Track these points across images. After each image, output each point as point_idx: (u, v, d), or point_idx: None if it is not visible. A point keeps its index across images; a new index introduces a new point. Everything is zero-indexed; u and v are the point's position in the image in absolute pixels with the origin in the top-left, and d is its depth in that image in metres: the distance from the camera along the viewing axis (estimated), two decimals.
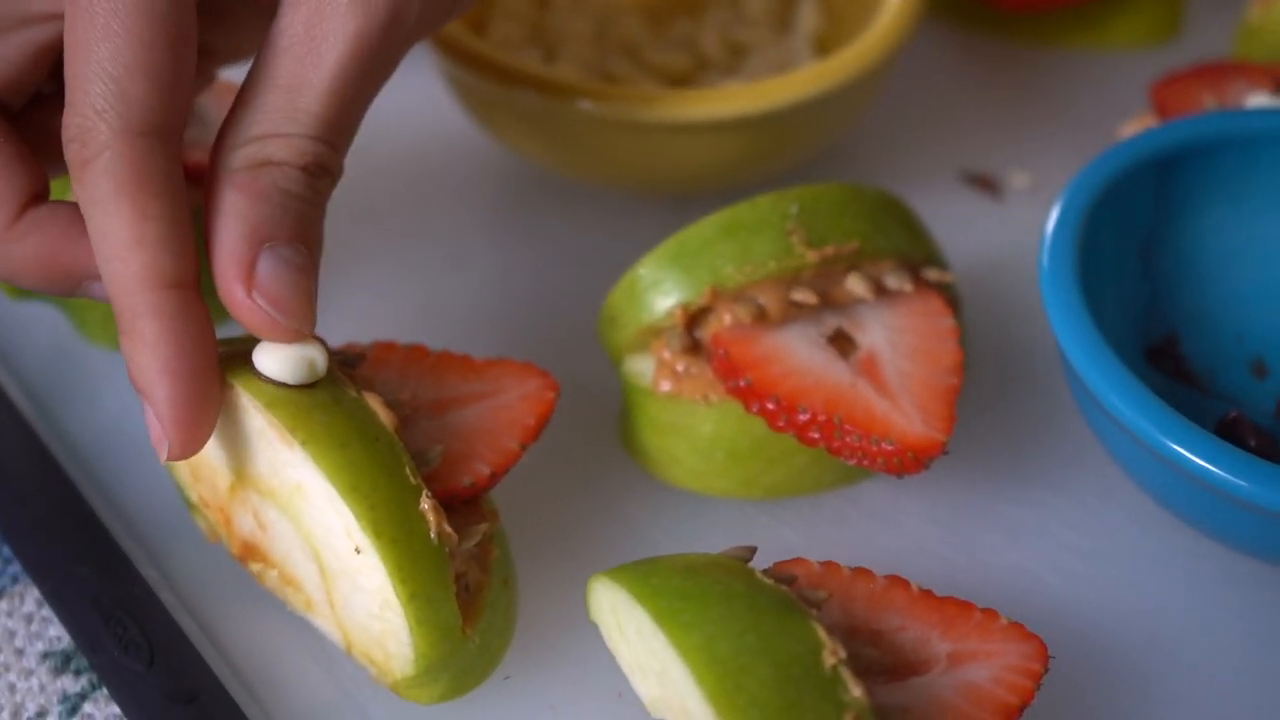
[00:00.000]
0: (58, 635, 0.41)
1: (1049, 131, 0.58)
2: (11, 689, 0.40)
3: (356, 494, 0.35)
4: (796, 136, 0.51)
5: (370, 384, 0.39)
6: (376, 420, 0.37)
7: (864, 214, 0.43)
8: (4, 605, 0.42)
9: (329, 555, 0.37)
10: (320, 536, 0.37)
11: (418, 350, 0.42)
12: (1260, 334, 0.46)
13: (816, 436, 0.40)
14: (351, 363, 0.40)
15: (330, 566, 0.37)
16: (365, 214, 0.53)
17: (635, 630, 0.35)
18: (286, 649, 0.41)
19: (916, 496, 0.45)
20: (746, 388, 0.41)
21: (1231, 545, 0.41)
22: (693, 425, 0.43)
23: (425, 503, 0.36)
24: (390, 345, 0.42)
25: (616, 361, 0.45)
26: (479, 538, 0.38)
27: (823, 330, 0.42)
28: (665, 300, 0.42)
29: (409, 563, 0.35)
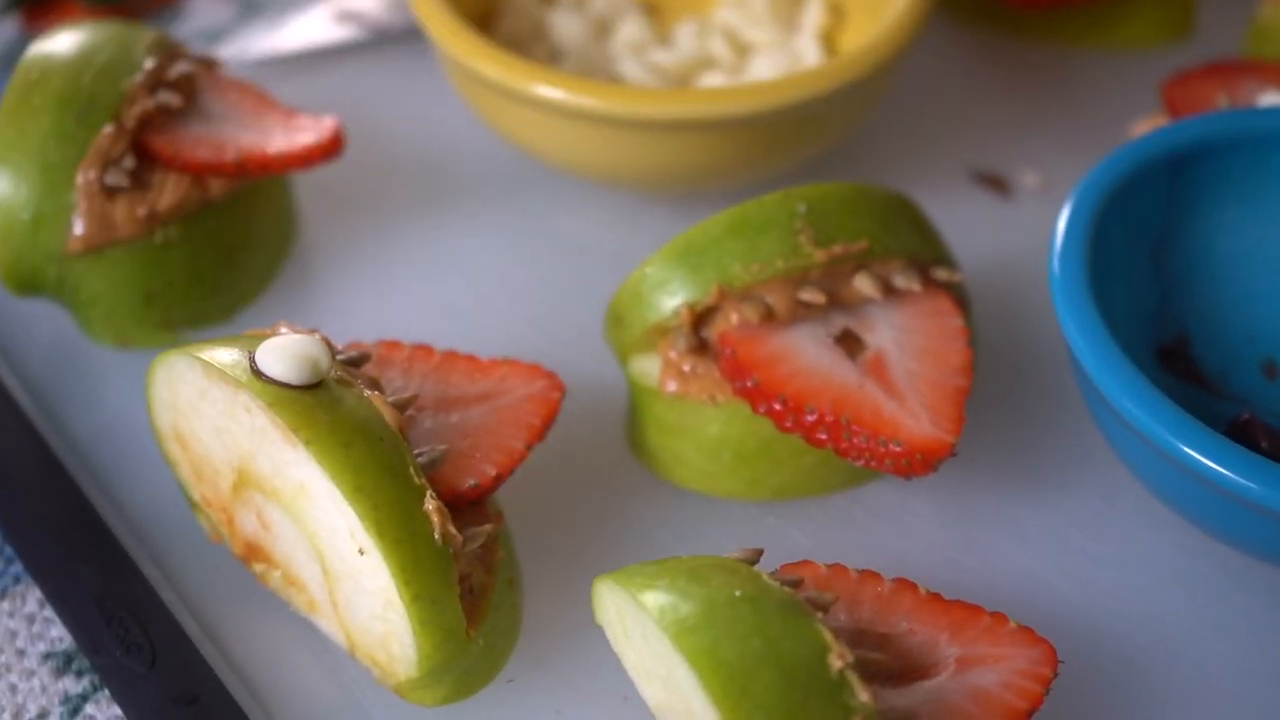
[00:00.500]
0: (59, 636, 0.41)
1: (1059, 130, 0.58)
2: (13, 690, 0.40)
3: (360, 494, 0.35)
4: (804, 135, 0.51)
5: (375, 384, 0.39)
6: (381, 420, 0.37)
7: (872, 213, 0.43)
8: (6, 606, 0.42)
9: (332, 556, 0.37)
10: (324, 537, 0.37)
11: (423, 350, 0.42)
12: (1272, 335, 0.46)
13: (824, 437, 0.40)
14: (356, 362, 0.40)
15: (333, 567, 0.37)
16: (372, 213, 0.53)
17: (640, 633, 0.35)
18: (289, 650, 0.41)
19: (924, 498, 0.45)
20: (753, 388, 0.40)
21: (1243, 549, 0.41)
22: (699, 426, 0.42)
23: (430, 503, 0.36)
24: (395, 344, 0.42)
25: (623, 361, 0.44)
26: (484, 539, 0.38)
27: (830, 330, 0.42)
28: (672, 299, 0.42)
29: (413, 564, 0.35)
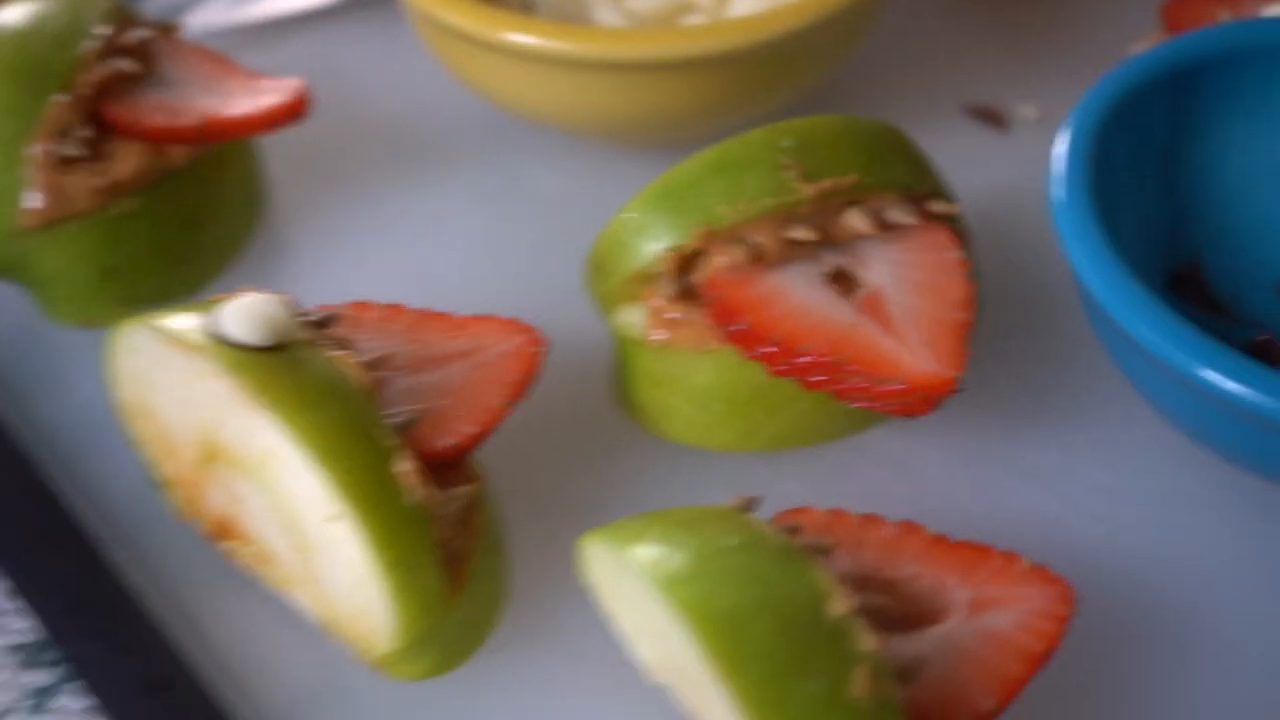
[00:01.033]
0: (25, 627, 0.40)
1: (1055, 59, 0.56)
2: None
3: (329, 457, 0.35)
4: (787, 73, 0.49)
5: (345, 344, 0.39)
6: (348, 381, 0.36)
7: (862, 146, 0.42)
8: None
9: (304, 526, 0.36)
10: (294, 507, 0.36)
11: (395, 309, 0.41)
12: None
13: (820, 380, 0.39)
14: (323, 324, 0.39)
15: (306, 538, 0.36)
16: (345, 180, 0.53)
17: (631, 589, 0.34)
18: (265, 630, 0.40)
19: (929, 442, 0.44)
20: (744, 332, 0.39)
21: (1267, 475, 0.40)
22: (688, 375, 0.41)
23: (404, 464, 0.35)
24: (366, 305, 0.41)
25: (606, 313, 0.43)
26: (464, 501, 0.37)
27: (823, 269, 0.41)
28: (654, 244, 0.41)
29: (387, 528, 0.35)
